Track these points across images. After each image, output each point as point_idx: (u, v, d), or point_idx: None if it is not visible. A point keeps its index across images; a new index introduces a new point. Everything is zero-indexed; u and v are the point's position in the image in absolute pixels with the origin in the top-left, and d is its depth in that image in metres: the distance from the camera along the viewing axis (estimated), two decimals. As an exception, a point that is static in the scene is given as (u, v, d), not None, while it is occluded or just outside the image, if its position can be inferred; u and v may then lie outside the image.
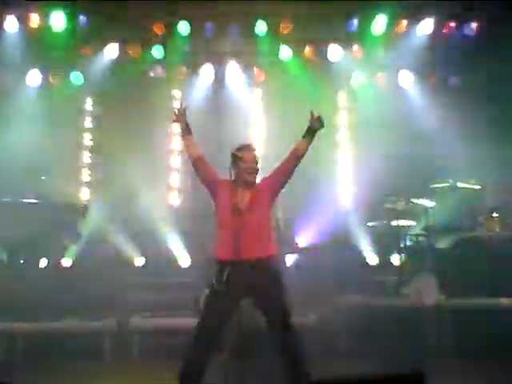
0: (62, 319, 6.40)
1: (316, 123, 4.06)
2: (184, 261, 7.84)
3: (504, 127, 7.57)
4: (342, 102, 8.70)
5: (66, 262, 7.51)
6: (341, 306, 6.65)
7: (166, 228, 7.80)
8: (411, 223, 7.38)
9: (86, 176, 8.29)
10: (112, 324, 6.42)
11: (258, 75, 8.45)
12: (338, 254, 7.14)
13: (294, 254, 6.52)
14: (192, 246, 7.84)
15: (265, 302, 3.94)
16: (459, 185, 7.39)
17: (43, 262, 7.23)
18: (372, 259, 7.84)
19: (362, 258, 7.80)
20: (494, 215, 6.87)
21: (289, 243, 5.40)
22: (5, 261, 7.05)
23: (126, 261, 7.61)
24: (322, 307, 6.62)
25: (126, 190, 7.71)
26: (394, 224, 7.24)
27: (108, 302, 6.72)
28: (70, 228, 7.16)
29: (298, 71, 8.25)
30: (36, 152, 7.60)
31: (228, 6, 7.68)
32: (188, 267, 7.81)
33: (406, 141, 7.62)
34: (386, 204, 7.35)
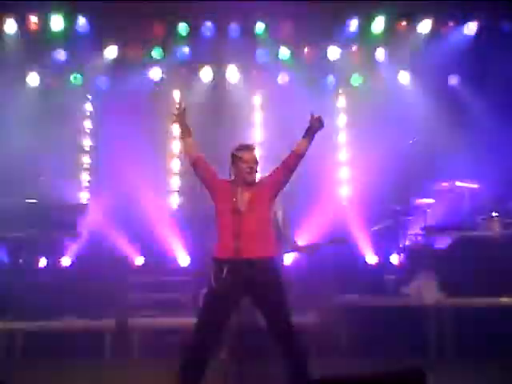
0: (61, 318, 6.40)
1: (316, 123, 4.05)
2: (183, 260, 7.84)
3: (504, 127, 7.56)
4: (341, 102, 8.69)
5: (65, 262, 7.52)
6: (341, 305, 6.66)
7: (165, 227, 7.80)
8: (411, 223, 7.39)
9: (85, 176, 8.28)
10: (111, 323, 6.43)
11: (257, 76, 8.44)
12: (337, 254, 7.13)
13: (293, 254, 6.51)
14: (191, 245, 7.85)
15: (264, 301, 3.94)
16: (458, 184, 7.38)
17: (43, 262, 7.23)
18: (372, 259, 7.84)
19: (362, 258, 7.81)
20: (494, 215, 6.88)
21: (288, 242, 5.38)
22: (5, 260, 7.06)
23: (125, 260, 7.61)
24: (322, 307, 6.62)
25: (126, 190, 7.70)
26: (394, 223, 7.25)
27: (107, 301, 6.72)
28: (70, 227, 7.15)
29: (298, 72, 8.25)
30: (35, 152, 7.59)
31: (228, 6, 7.67)
32: (187, 266, 7.81)
33: (406, 140, 7.60)
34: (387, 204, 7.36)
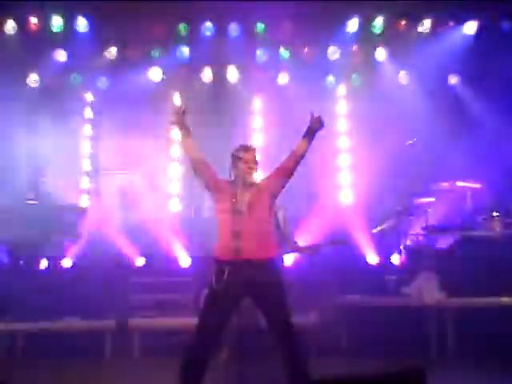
0: (62, 319, 6.41)
1: (316, 123, 4.04)
2: (184, 261, 7.84)
3: (504, 126, 7.56)
4: (341, 100, 8.69)
5: (66, 263, 7.52)
6: (341, 305, 6.66)
7: (166, 228, 7.80)
8: (412, 223, 7.38)
9: (85, 177, 8.27)
10: (112, 324, 6.43)
11: (257, 76, 8.44)
12: (338, 254, 7.13)
13: (294, 254, 6.51)
14: (192, 246, 7.85)
15: (265, 302, 3.94)
16: (459, 184, 7.38)
17: (44, 263, 7.23)
18: (372, 259, 7.84)
19: (363, 258, 7.81)
20: (495, 215, 6.87)
21: (289, 243, 5.38)
22: (5, 261, 7.06)
23: (126, 261, 7.62)
24: (323, 307, 6.62)
25: (126, 190, 7.71)
26: (395, 224, 7.26)
27: (108, 302, 6.73)
28: (71, 228, 7.16)
29: (298, 72, 8.25)
30: (36, 153, 7.60)
31: (228, 6, 7.67)
32: (188, 267, 7.81)
33: (406, 140, 7.61)
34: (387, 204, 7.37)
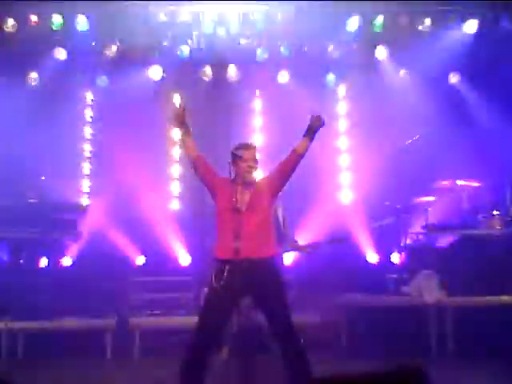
0: (62, 318, 6.41)
1: (316, 122, 4.04)
2: (184, 260, 7.84)
3: (503, 124, 7.55)
4: (341, 100, 8.68)
5: (66, 262, 7.52)
6: (341, 304, 6.66)
7: (166, 227, 7.80)
8: (412, 221, 7.38)
9: (86, 175, 8.26)
10: (112, 323, 6.43)
11: (257, 74, 8.42)
12: (338, 253, 7.14)
13: (293, 253, 6.51)
14: (192, 245, 7.85)
15: (265, 301, 3.94)
16: (459, 183, 7.37)
17: (44, 262, 7.23)
18: (373, 258, 7.84)
19: (363, 257, 7.81)
20: (495, 213, 6.86)
21: (289, 241, 5.38)
22: (6, 260, 7.05)
23: (126, 260, 7.62)
24: (323, 306, 6.62)
25: (127, 189, 7.70)
26: (395, 221, 7.25)
27: (108, 301, 6.73)
28: (71, 227, 7.15)
29: (299, 69, 8.23)
30: (36, 152, 7.58)
31: (227, 4, 7.65)
32: (188, 266, 7.82)
33: (406, 139, 7.60)
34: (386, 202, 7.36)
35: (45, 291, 6.57)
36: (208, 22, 7.66)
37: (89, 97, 8.36)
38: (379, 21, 7.84)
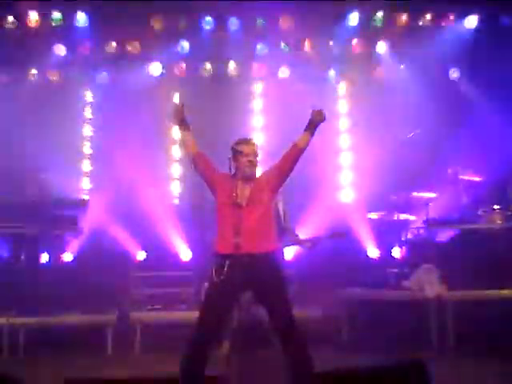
0: (63, 314, 6.42)
1: (318, 117, 4.01)
2: (185, 255, 7.85)
3: (503, 121, 7.55)
4: (342, 95, 8.67)
5: (67, 257, 7.54)
6: (342, 299, 6.67)
7: (166, 222, 7.81)
8: (412, 216, 7.38)
9: (86, 171, 8.26)
10: (113, 318, 6.44)
11: (257, 70, 8.41)
12: (339, 248, 7.14)
13: (294, 247, 6.52)
14: (193, 240, 7.85)
15: (266, 296, 3.94)
16: (461, 177, 7.36)
17: (45, 258, 7.24)
18: (373, 252, 7.85)
19: (364, 252, 7.82)
20: (495, 207, 6.86)
21: (289, 236, 5.38)
22: (6, 256, 7.06)
23: (127, 255, 7.63)
24: (324, 300, 6.63)
25: (127, 185, 7.71)
26: (395, 216, 7.25)
27: (109, 296, 6.74)
28: (71, 223, 7.16)
29: (298, 66, 8.23)
30: (36, 149, 7.59)
31: (227, 1, 7.65)
32: (189, 261, 7.83)
33: (407, 133, 7.59)
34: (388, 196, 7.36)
35: (46, 287, 6.58)
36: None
37: (88, 93, 8.36)
38: (379, 16, 7.84)
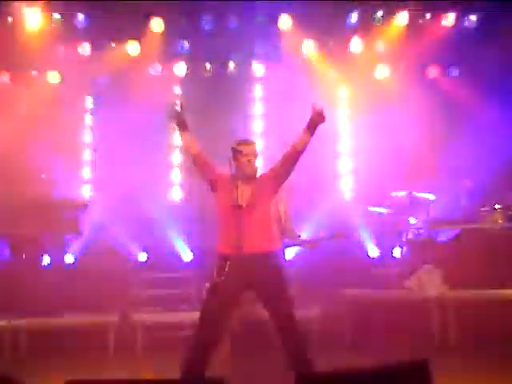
0: (64, 315, 6.42)
1: (318, 116, 3.99)
2: (186, 255, 7.85)
3: (504, 119, 7.54)
4: (342, 94, 8.66)
5: (68, 259, 7.54)
6: (343, 299, 6.66)
7: (167, 223, 7.81)
8: (413, 216, 7.37)
9: (86, 173, 8.26)
10: (115, 319, 6.44)
11: (257, 70, 8.41)
12: (339, 248, 7.14)
13: (295, 248, 6.52)
14: (194, 240, 7.85)
15: (267, 295, 3.95)
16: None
17: (46, 259, 7.24)
18: (374, 252, 7.84)
19: (364, 251, 7.81)
20: (497, 207, 6.85)
21: (291, 236, 5.38)
22: (8, 258, 7.06)
23: (128, 256, 7.63)
24: (325, 301, 6.63)
25: (128, 186, 7.71)
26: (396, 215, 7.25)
27: (110, 296, 6.74)
28: (72, 224, 7.15)
29: (299, 65, 8.21)
30: (36, 150, 7.59)
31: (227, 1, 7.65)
32: (190, 262, 7.83)
33: (407, 133, 7.59)
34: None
35: (47, 288, 6.58)
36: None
37: (88, 94, 8.37)
38: (379, 15, 7.83)
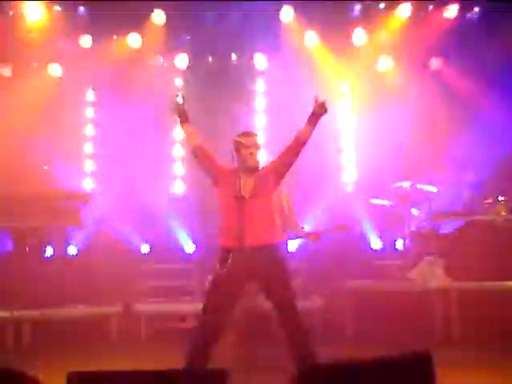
0: (68, 306, 6.45)
1: (320, 109, 3.98)
2: (188, 247, 7.87)
3: (507, 109, 7.50)
4: (344, 88, 8.63)
5: (71, 250, 7.56)
6: (345, 291, 6.68)
7: (170, 215, 7.81)
8: (416, 207, 7.35)
9: (89, 165, 8.26)
10: (118, 310, 6.47)
11: (260, 62, 8.37)
12: (342, 240, 7.13)
13: (298, 240, 6.52)
14: (196, 232, 7.86)
15: (270, 287, 3.95)
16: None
17: (49, 251, 7.26)
18: (376, 243, 7.84)
19: (367, 243, 7.81)
20: (500, 199, 6.83)
21: (293, 228, 5.37)
22: (11, 249, 7.08)
23: (131, 248, 7.65)
24: (327, 293, 6.64)
25: (130, 178, 7.71)
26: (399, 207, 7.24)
27: (113, 288, 6.77)
28: (75, 216, 7.16)
29: (302, 58, 8.17)
30: (39, 142, 7.59)
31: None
32: (192, 253, 7.84)
33: (409, 126, 7.56)
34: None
35: (50, 280, 6.61)
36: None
37: (90, 86, 8.36)
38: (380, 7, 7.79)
